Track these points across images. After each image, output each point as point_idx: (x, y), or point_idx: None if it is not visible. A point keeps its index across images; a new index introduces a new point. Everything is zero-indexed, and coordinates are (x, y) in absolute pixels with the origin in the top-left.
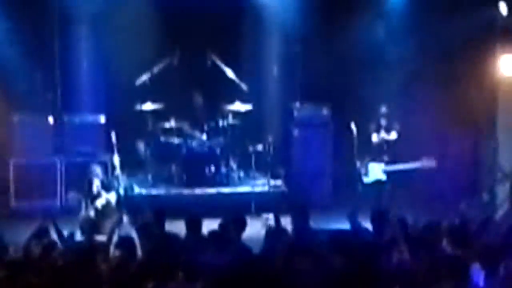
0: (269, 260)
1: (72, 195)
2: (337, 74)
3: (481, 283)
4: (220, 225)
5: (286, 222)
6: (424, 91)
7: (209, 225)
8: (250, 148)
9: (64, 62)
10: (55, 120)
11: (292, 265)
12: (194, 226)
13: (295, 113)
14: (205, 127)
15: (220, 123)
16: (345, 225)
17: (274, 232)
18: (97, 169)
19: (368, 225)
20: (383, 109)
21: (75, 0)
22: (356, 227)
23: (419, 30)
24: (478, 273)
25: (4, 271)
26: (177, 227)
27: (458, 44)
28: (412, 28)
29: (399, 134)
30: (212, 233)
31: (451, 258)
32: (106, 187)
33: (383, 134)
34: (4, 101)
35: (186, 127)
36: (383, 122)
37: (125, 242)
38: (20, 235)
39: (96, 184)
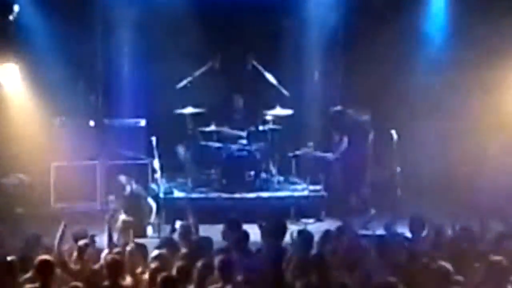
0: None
1: (112, 198)
2: (378, 80)
3: None
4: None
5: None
6: (463, 98)
7: (248, 230)
8: (290, 153)
9: (106, 66)
10: (96, 123)
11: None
12: (234, 226)
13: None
14: (245, 132)
15: (261, 127)
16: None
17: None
18: (123, 179)
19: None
20: None
21: (117, 6)
22: (393, 236)
23: (459, 35)
24: None
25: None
26: (215, 231)
27: (495, 50)
28: (452, 34)
29: None
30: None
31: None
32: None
33: None
34: (46, 105)
35: (226, 129)
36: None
37: (167, 243)
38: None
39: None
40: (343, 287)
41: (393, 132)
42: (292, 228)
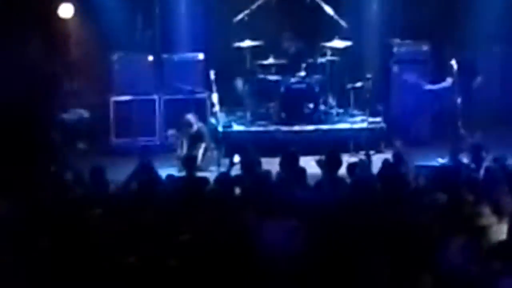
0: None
1: (171, 133)
2: (437, 10)
3: None
4: (317, 162)
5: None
6: None
7: (308, 162)
8: (349, 85)
9: (163, 0)
10: (154, 58)
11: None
12: (290, 161)
13: (395, 50)
14: (304, 64)
15: (319, 60)
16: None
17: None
18: (191, 117)
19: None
20: None
21: None
22: (458, 164)
23: None
24: None
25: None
26: (275, 164)
27: None
28: None
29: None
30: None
31: None
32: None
33: None
34: (104, 40)
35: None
36: None
37: (223, 178)
38: (120, 173)
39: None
40: None
41: (453, 62)
42: (351, 161)
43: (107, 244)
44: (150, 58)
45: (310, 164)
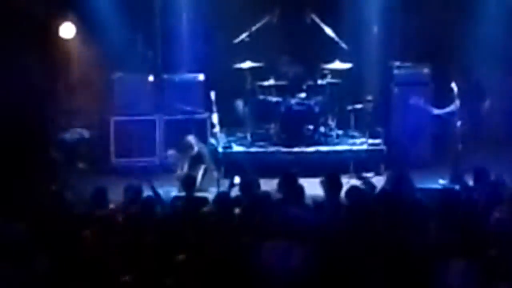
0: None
1: (171, 153)
2: (438, 33)
3: None
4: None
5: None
6: None
7: (307, 184)
8: (349, 107)
9: (164, 21)
10: (155, 78)
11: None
12: (288, 182)
13: (395, 72)
14: (304, 86)
15: (319, 81)
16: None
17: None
18: (191, 139)
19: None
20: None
21: None
22: (464, 187)
23: None
24: None
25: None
26: (274, 185)
27: None
28: None
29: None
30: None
31: None
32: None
33: None
34: (105, 60)
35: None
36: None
37: (222, 198)
38: (119, 193)
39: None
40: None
41: (453, 84)
42: (351, 183)
43: (104, 262)
44: (151, 78)
45: (310, 186)
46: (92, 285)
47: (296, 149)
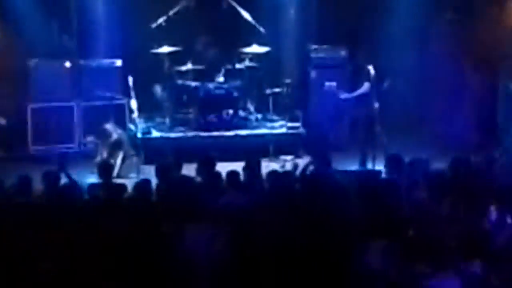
0: (283, 200)
1: (90, 140)
2: (354, 15)
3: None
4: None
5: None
6: (442, 29)
7: (227, 168)
8: (268, 91)
9: (80, 5)
10: (71, 64)
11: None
12: (207, 166)
13: (313, 55)
14: (222, 70)
15: (238, 65)
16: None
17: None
18: (109, 127)
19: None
20: None
21: None
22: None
23: None
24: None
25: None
26: (194, 170)
27: None
28: None
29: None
30: (229, 174)
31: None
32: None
33: None
34: (21, 47)
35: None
36: None
37: (142, 184)
38: (39, 180)
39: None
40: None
41: (370, 67)
42: (271, 166)
43: (24, 251)
44: (68, 64)
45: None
46: (12, 273)
47: (215, 133)
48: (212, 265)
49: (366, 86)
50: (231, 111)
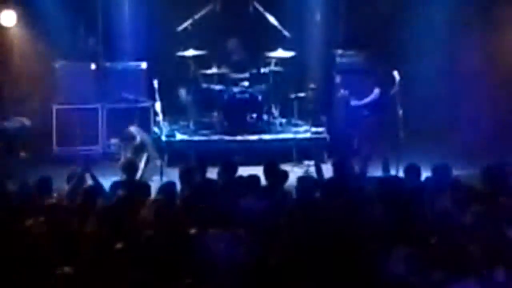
0: (309, 206)
1: (114, 142)
2: (380, 21)
3: None
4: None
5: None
6: (468, 37)
7: (251, 172)
8: (292, 95)
9: (106, 8)
10: (97, 66)
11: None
12: (229, 170)
13: (338, 60)
14: (247, 74)
15: (262, 70)
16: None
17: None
18: (133, 129)
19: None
20: None
21: None
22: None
23: None
24: None
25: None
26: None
27: None
28: None
29: None
30: (251, 178)
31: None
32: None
33: None
34: (47, 49)
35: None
36: None
37: (167, 187)
38: (62, 181)
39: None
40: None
41: (395, 73)
42: (295, 170)
43: (46, 253)
44: (93, 66)
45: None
46: (32, 275)
47: (239, 138)
48: (233, 269)
49: (376, 92)
50: (255, 115)
